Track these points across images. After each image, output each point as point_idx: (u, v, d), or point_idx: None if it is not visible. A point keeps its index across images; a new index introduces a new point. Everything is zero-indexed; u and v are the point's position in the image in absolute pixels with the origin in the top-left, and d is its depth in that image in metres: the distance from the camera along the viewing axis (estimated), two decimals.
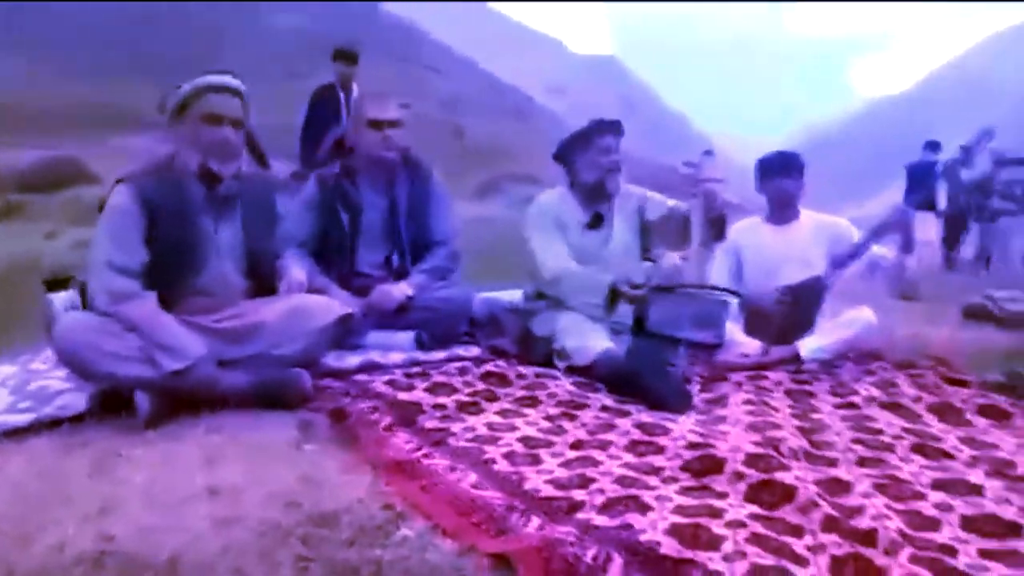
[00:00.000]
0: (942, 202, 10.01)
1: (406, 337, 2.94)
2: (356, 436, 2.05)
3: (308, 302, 2.53)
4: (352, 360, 2.73)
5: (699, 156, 3.21)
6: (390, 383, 2.50)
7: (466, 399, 2.43)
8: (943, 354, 3.28)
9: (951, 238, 10.61)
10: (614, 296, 2.96)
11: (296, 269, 2.65)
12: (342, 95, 6.07)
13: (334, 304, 2.57)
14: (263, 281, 2.62)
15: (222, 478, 1.82)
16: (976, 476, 1.88)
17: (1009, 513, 1.63)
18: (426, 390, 2.47)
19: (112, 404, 2.28)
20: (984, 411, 2.49)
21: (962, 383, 2.83)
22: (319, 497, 1.72)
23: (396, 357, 2.81)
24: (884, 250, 3.26)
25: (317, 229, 3.13)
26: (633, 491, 1.70)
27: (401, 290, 3.01)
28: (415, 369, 2.70)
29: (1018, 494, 1.76)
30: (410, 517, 1.62)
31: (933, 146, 10.20)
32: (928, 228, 10.19)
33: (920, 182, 10.04)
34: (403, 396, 2.36)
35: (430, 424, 2.19)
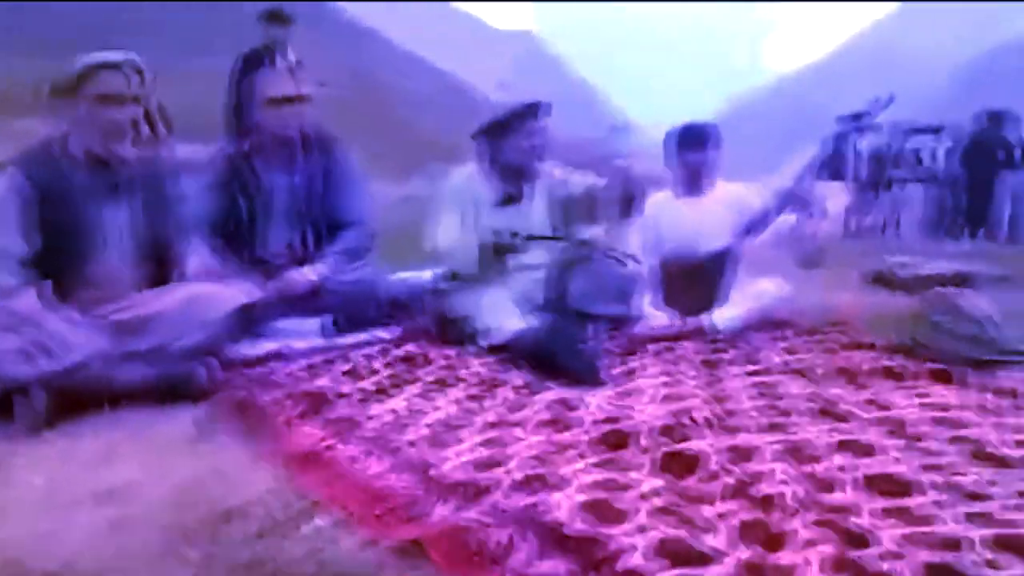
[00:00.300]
0: (850, 171, 10.39)
1: (315, 322, 2.87)
2: (262, 427, 1.99)
3: (207, 290, 2.43)
4: (259, 349, 2.64)
5: (608, 131, 3.19)
6: (299, 371, 2.43)
7: (378, 384, 2.39)
8: (846, 319, 3.39)
9: (851, 205, 11.05)
10: (496, 250, 2.97)
11: (197, 255, 2.55)
12: (270, 60, 5.65)
13: (236, 291, 2.47)
14: (162, 268, 2.51)
15: (121, 477, 1.75)
16: (876, 436, 1.95)
17: (906, 472, 1.69)
18: (334, 377, 2.41)
19: (5, 403, 2.16)
20: (885, 373, 2.58)
21: (865, 347, 2.93)
22: (224, 492, 1.66)
23: (306, 343, 2.74)
24: (789, 218, 3.34)
25: (221, 211, 3.01)
26: (544, 469, 1.69)
27: (308, 274, 2.93)
28: (327, 355, 2.63)
29: (913, 453, 1.83)
30: (321, 508, 1.58)
31: (848, 117, 10.56)
32: (838, 197, 10.57)
33: (836, 152, 10.42)
34: (313, 383, 2.30)
35: (341, 411, 2.13)
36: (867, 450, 1.86)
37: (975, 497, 1.56)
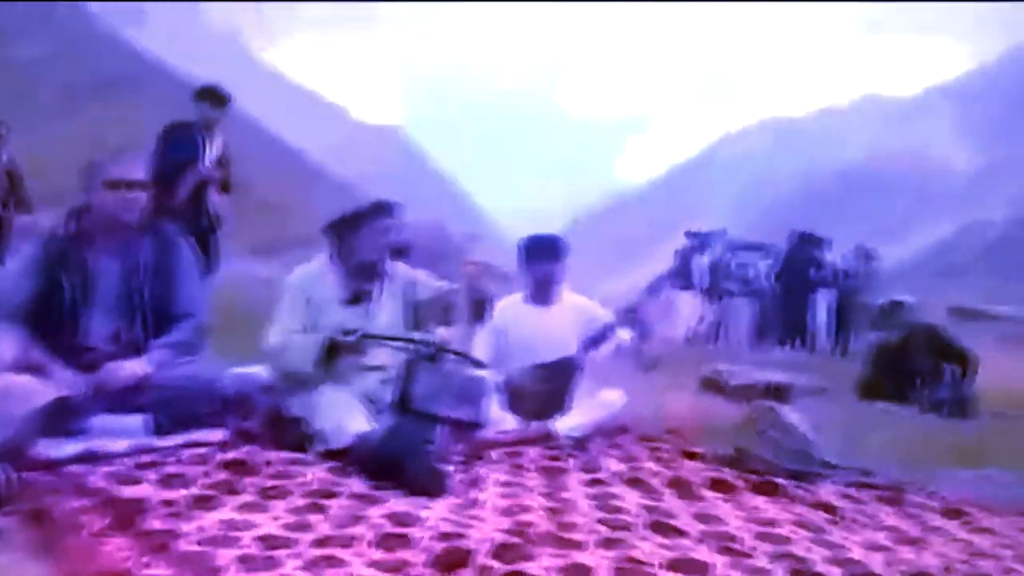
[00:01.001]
0: (698, 282, 11.16)
1: (138, 420, 2.65)
2: (59, 544, 1.78)
3: (13, 383, 2.20)
4: (69, 449, 2.40)
5: (463, 239, 3.28)
6: (113, 476, 2.22)
7: (202, 492, 2.21)
8: (679, 427, 3.53)
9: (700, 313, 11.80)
10: (332, 349, 2.91)
11: (2, 344, 2.31)
12: (201, 138, 5.34)
13: (44, 386, 2.25)
14: None
15: None
16: (704, 553, 2.00)
17: None
18: (156, 482, 2.22)
19: None
20: (714, 485, 2.68)
21: (696, 456, 3.05)
22: None
23: (123, 444, 2.51)
24: (626, 334, 3.49)
25: (37, 295, 2.76)
26: None
27: (134, 367, 2.72)
28: (146, 458, 2.43)
29: (741, 571, 1.89)
30: None
31: (693, 234, 11.49)
32: (688, 306, 11.31)
33: (684, 264, 11.25)
34: (126, 491, 2.10)
35: (155, 524, 1.95)
36: (695, 567, 1.90)
37: None
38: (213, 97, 5.46)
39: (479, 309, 3.16)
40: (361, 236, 3.11)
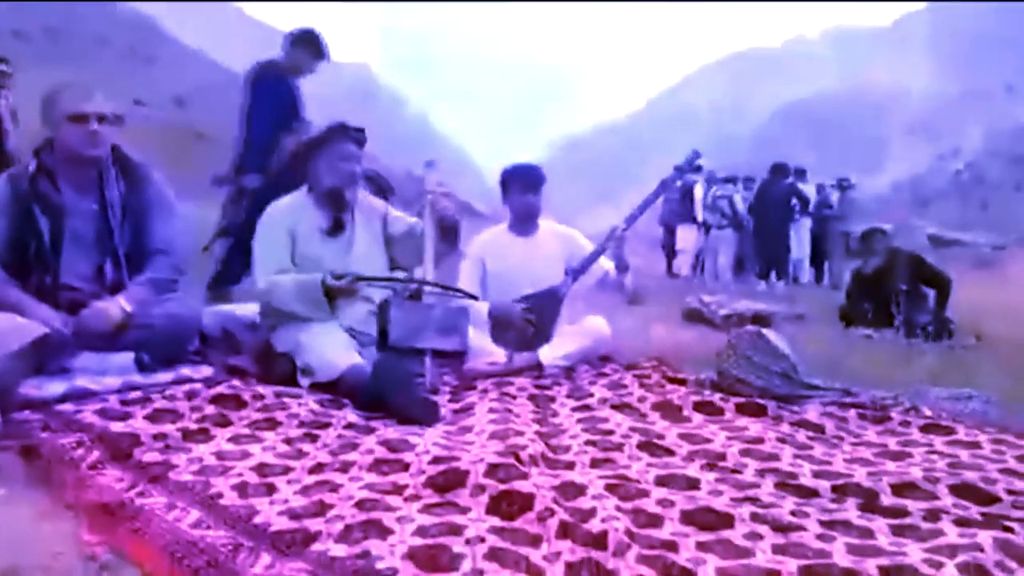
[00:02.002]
0: (699, 214, 11.02)
1: (123, 358, 2.62)
2: (55, 476, 1.78)
3: None
4: (56, 387, 2.37)
5: (422, 168, 3.17)
6: (101, 412, 2.21)
7: (193, 426, 2.21)
8: (664, 355, 3.56)
9: (669, 247, 11.78)
10: (328, 293, 2.91)
11: None
12: (295, 84, 4.77)
13: (28, 324, 2.21)
14: None
15: None
16: (693, 470, 2.04)
17: (721, 505, 1.77)
18: (145, 418, 2.21)
19: None
20: (699, 407, 2.73)
21: (680, 381, 3.08)
22: (8, 553, 1.47)
23: (111, 382, 2.49)
24: (609, 264, 3.49)
25: (10, 236, 2.69)
26: (374, 514, 1.63)
27: (118, 306, 2.67)
28: (133, 395, 2.41)
29: (729, 485, 1.93)
30: (117, 568, 1.43)
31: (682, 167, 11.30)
32: (689, 237, 11.28)
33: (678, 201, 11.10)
34: (116, 426, 2.09)
35: (148, 457, 1.95)
36: (685, 483, 1.94)
37: (788, 528, 1.66)
38: (315, 46, 4.84)
39: (448, 236, 3.14)
40: (323, 160, 3.08)
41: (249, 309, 3.27)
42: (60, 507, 1.68)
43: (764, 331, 3.15)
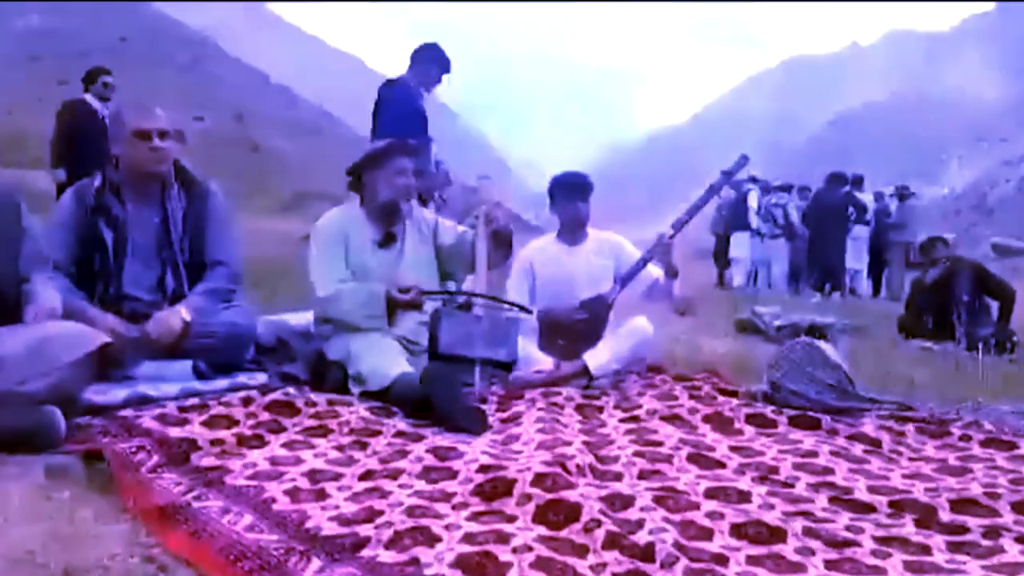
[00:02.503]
0: (753, 222, 10.82)
1: (182, 366, 2.70)
2: (115, 480, 1.84)
3: (60, 331, 2.23)
4: (117, 394, 2.45)
5: (476, 180, 3.23)
6: (160, 418, 2.27)
7: (248, 432, 2.27)
8: (715, 366, 3.52)
9: (720, 256, 11.59)
10: (390, 305, 2.95)
11: (47, 293, 2.35)
12: (421, 102, 4.83)
13: (92, 332, 2.28)
14: (7, 307, 2.30)
15: None
16: (744, 483, 2.01)
17: (773, 518, 1.74)
18: (203, 424, 2.27)
19: None
20: (751, 419, 2.69)
21: (732, 393, 3.04)
22: (67, 554, 1.51)
23: (170, 388, 2.56)
24: (658, 271, 3.47)
25: (76, 249, 2.80)
26: (423, 521, 1.65)
27: (179, 315, 2.76)
28: (192, 401, 2.48)
29: (781, 499, 1.90)
30: (173, 570, 1.47)
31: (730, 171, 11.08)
32: (742, 247, 11.06)
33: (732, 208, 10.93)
34: (175, 432, 2.15)
35: (205, 462, 2.01)
36: (736, 496, 1.91)
37: (842, 544, 1.62)
38: (440, 59, 4.81)
39: (502, 247, 3.16)
40: (380, 175, 3.13)
41: (302, 319, 3.33)
42: (119, 510, 1.74)
43: (818, 342, 3.09)
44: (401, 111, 4.69)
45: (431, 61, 4.82)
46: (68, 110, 6.83)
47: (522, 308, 3.15)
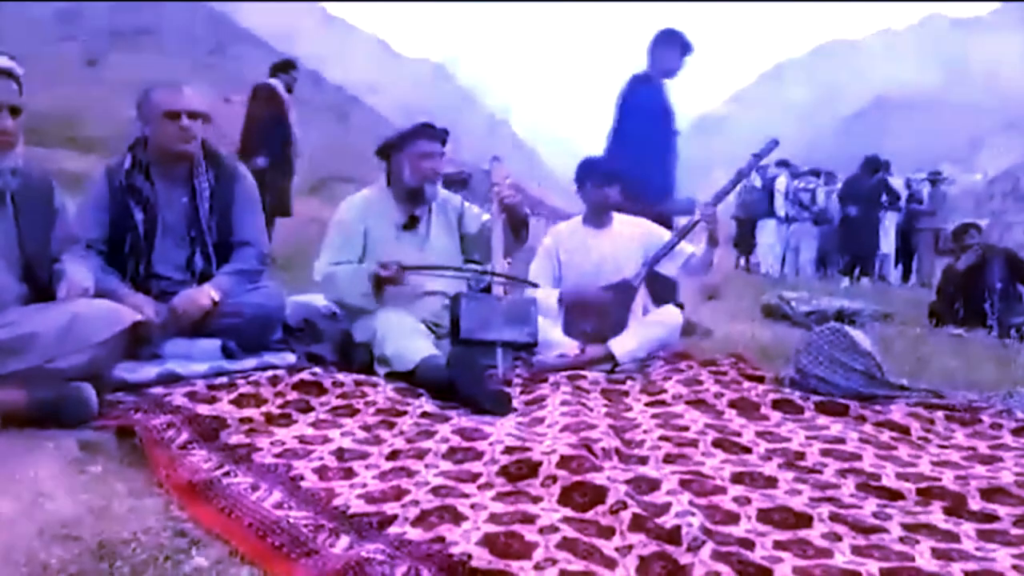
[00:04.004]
0: (780, 209, 10.70)
1: (211, 345, 2.73)
2: (147, 456, 1.87)
3: (92, 309, 2.26)
4: (148, 371, 2.48)
5: (489, 163, 3.15)
6: (190, 395, 2.30)
7: (276, 411, 2.30)
8: (742, 351, 3.50)
9: (743, 242, 11.47)
10: (376, 280, 2.96)
11: (79, 272, 2.38)
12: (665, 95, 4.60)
13: (123, 310, 2.31)
14: (41, 286, 2.34)
15: None
16: (771, 469, 2.00)
17: (800, 504, 1.73)
18: (231, 402, 2.30)
19: None
20: (778, 405, 2.67)
21: (758, 379, 3.02)
22: (101, 527, 1.54)
23: (199, 367, 2.59)
24: (692, 248, 3.44)
25: (108, 229, 2.84)
26: (448, 501, 1.66)
27: (207, 294, 2.79)
28: (220, 380, 2.50)
29: (808, 485, 1.88)
30: (205, 544, 1.49)
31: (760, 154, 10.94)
32: (769, 232, 10.95)
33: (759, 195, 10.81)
34: (204, 409, 2.18)
35: (234, 439, 2.04)
36: (762, 481, 1.90)
37: (870, 530, 1.61)
38: (680, 43, 4.54)
39: (518, 230, 3.16)
40: (406, 158, 3.13)
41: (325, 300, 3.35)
42: (151, 485, 1.76)
43: (847, 328, 3.05)
44: (646, 108, 4.49)
45: (670, 47, 4.59)
46: (270, 95, 6.78)
47: (527, 283, 3.14)
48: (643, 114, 4.41)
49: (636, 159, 4.13)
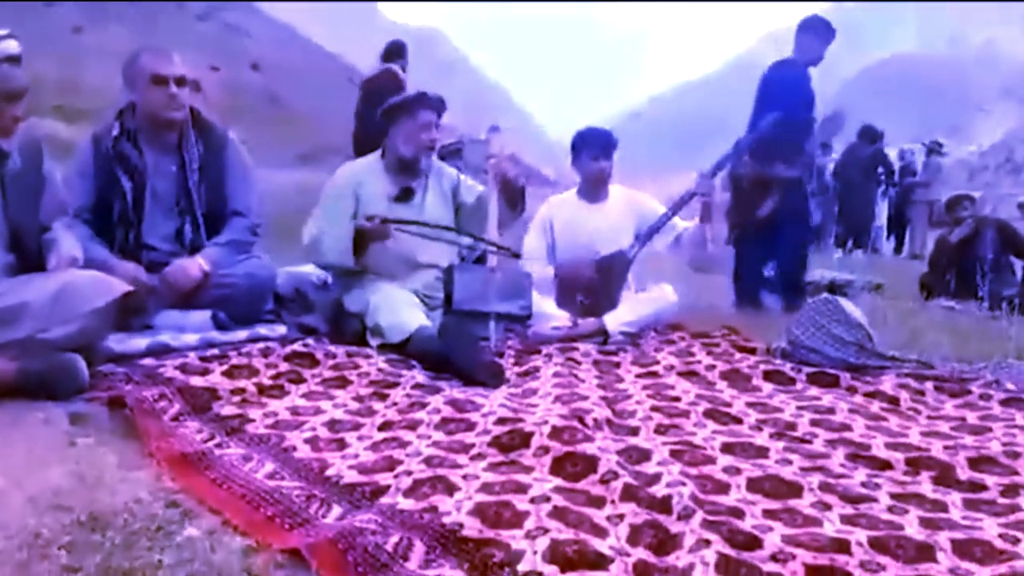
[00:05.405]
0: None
1: (202, 316, 2.72)
2: (139, 427, 1.87)
3: (81, 279, 2.24)
4: (139, 343, 2.48)
5: (486, 133, 3.10)
6: (182, 367, 2.30)
7: (268, 382, 2.29)
8: (733, 323, 3.50)
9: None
10: (359, 236, 2.93)
11: (68, 242, 2.36)
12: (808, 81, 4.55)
13: (113, 281, 2.29)
14: (29, 256, 2.32)
15: None
16: (761, 439, 2.01)
17: (790, 473, 1.74)
18: (223, 374, 2.30)
19: None
20: (769, 376, 2.68)
21: (750, 350, 3.03)
22: (92, 498, 1.54)
23: (190, 338, 2.59)
24: (686, 223, 3.43)
25: (95, 198, 2.80)
26: (440, 471, 1.66)
27: (198, 265, 2.77)
28: (212, 351, 2.50)
29: (798, 455, 1.90)
30: (197, 515, 1.49)
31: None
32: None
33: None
34: (196, 381, 2.18)
35: (226, 411, 2.04)
36: (753, 451, 1.91)
37: (858, 499, 1.62)
38: (823, 29, 4.52)
39: (513, 201, 3.14)
40: (401, 128, 3.09)
41: (320, 270, 3.34)
42: (143, 456, 1.76)
43: (838, 299, 3.06)
44: (792, 96, 4.45)
45: (815, 34, 4.53)
46: (394, 79, 6.59)
47: (509, 251, 3.12)
48: (787, 99, 4.37)
49: (776, 141, 4.11)
